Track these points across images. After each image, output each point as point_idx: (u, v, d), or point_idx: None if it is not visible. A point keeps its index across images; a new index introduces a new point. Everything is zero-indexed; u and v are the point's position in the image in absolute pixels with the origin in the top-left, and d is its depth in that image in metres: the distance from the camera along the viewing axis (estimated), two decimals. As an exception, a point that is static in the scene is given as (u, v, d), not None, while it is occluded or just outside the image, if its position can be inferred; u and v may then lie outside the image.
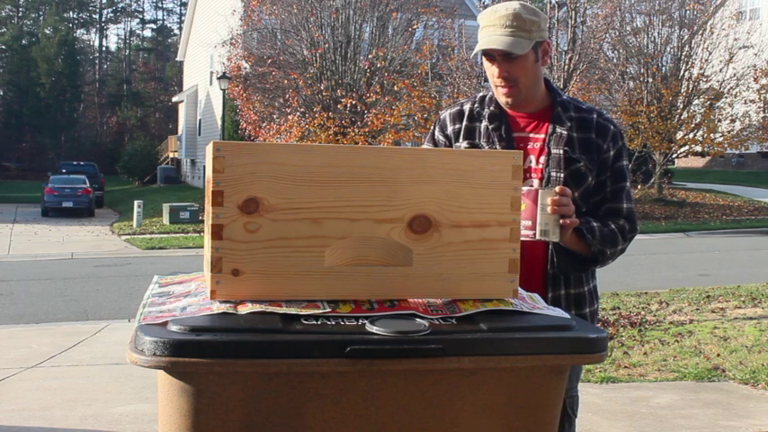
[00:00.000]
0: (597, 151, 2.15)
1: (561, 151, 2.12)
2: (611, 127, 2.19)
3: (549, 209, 1.91)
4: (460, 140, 2.19)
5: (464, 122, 2.21)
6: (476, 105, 2.22)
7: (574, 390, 2.22)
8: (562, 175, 2.10)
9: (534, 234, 1.91)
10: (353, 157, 1.54)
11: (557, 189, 1.93)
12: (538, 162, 2.13)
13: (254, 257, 1.49)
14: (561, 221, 1.93)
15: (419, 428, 1.46)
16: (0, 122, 52.33)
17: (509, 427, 1.49)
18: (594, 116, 2.19)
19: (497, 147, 2.13)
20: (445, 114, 2.27)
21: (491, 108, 2.18)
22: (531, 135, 2.17)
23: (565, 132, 2.13)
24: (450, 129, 2.23)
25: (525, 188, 1.89)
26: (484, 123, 2.18)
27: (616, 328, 6.82)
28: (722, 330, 6.66)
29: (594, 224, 2.09)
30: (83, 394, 4.92)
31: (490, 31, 2.06)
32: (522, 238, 1.83)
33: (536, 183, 2.09)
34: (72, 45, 53.99)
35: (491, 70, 2.12)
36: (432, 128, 2.31)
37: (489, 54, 2.09)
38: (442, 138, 2.24)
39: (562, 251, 2.09)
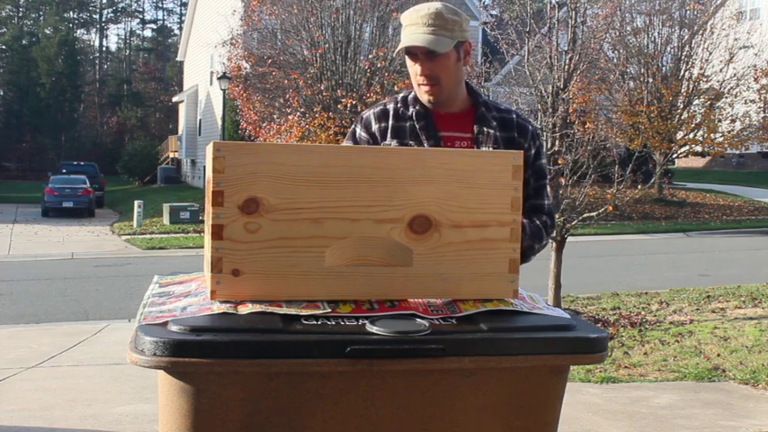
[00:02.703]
0: (519, 149, 2.18)
1: (490, 149, 2.15)
2: (530, 126, 2.26)
3: None
4: (388, 139, 2.20)
5: (390, 121, 2.23)
6: (399, 105, 2.25)
7: None
8: None
9: None
10: (353, 157, 1.54)
11: None
12: None
13: (254, 257, 1.49)
14: None
15: (419, 428, 1.45)
16: (0, 122, 52.32)
17: (509, 427, 1.49)
18: (514, 116, 2.25)
19: (425, 145, 2.16)
20: (369, 113, 2.29)
21: (416, 107, 2.21)
22: (458, 134, 2.20)
23: (492, 131, 2.18)
24: (374, 127, 2.24)
25: None
26: (410, 123, 2.20)
27: (616, 328, 6.82)
28: (722, 330, 6.66)
29: (524, 221, 2.12)
30: (83, 394, 4.92)
31: (412, 29, 2.10)
32: None
33: None
34: (72, 45, 53.96)
35: (413, 69, 2.16)
36: (353, 127, 2.32)
37: (412, 52, 2.13)
38: (365, 135, 2.24)
39: None
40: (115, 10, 66.67)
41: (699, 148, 22.61)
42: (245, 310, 1.47)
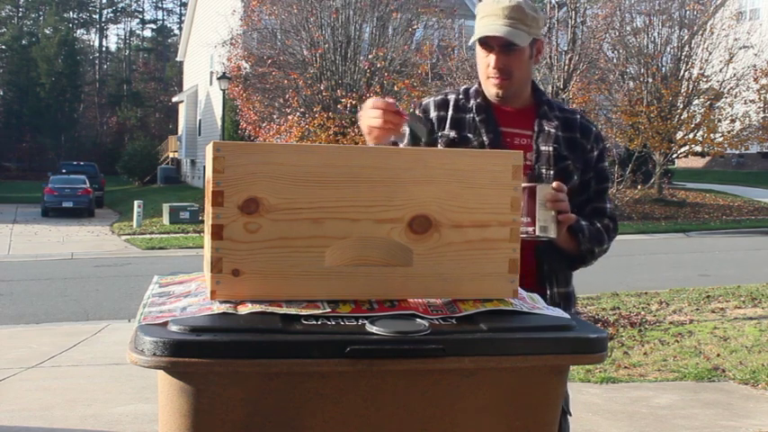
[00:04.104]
0: (582, 151, 2.17)
1: (551, 148, 2.12)
2: (593, 128, 2.22)
3: (547, 204, 1.89)
4: (446, 129, 2.17)
5: (450, 112, 2.19)
6: (461, 97, 2.21)
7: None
8: (552, 173, 2.10)
9: (534, 230, 1.87)
10: (353, 157, 1.53)
11: (554, 185, 1.92)
12: (525, 158, 2.10)
13: (254, 258, 1.49)
14: (560, 217, 1.92)
15: (419, 428, 1.45)
16: (0, 122, 52.33)
17: (509, 427, 1.49)
18: (578, 117, 2.22)
19: (484, 139, 2.12)
20: (428, 100, 2.26)
21: (477, 100, 2.17)
22: (518, 131, 2.16)
23: (553, 130, 2.14)
24: (432, 114, 2.21)
25: (525, 184, 1.86)
26: (470, 115, 2.16)
27: (616, 328, 6.82)
28: (722, 330, 6.66)
29: (583, 223, 2.09)
30: (83, 394, 4.92)
31: (491, 20, 2.05)
32: (522, 236, 1.84)
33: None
34: (72, 45, 53.99)
35: (486, 60, 2.10)
36: (412, 110, 2.27)
37: (487, 43, 2.08)
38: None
39: (551, 249, 2.07)
40: (115, 10, 66.71)
41: (699, 148, 22.64)
42: (244, 310, 1.47)
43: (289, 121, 17.46)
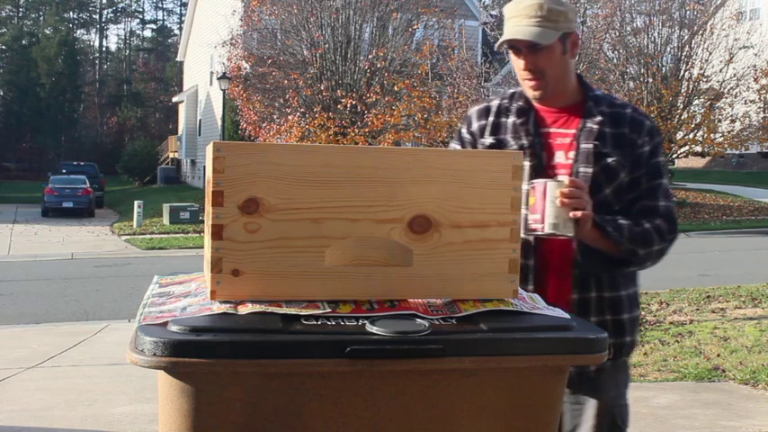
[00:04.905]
0: (631, 146, 2.07)
1: (591, 146, 2.04)
2: (647, 122, 2.12)
3: (557, 201, 1.85)
4: (486, 136, 2.14)
5: (491, 118, 2.16)
6: (504, 101, 2.17)
7: (622, 398, 2.16)
8: (591, 171, 2.03)
9: (543, 228, 1.84)
10: (354, 157, 1.53)
11: (566, 181, 1.88)
12: (567, 157, 2.06)
13: (254, 258, 1.49)
14: (572, 214, 1.85)
15: (419, 429, 1.45)
16: (0, 122, 52.32)
17: (509, 428, 1.49)
18: (629, 111, 2.12)
19: (524, 141, 2.07)
20: (472, 111, 2.23)
21: (519, 103, 2.13)
22: (561, 130, 2.10)
23: (595, 127, 2.06)
24: (475, 125, 2.18)
25: (537, 181, 1.85)
26: (512, 118, 2.12)
27: (616, 328, 6.82)
28: (722, 330, 6.66)
29: (623, 222, 1.99)
30: (83, 394, 4.92)
31: (515, 21, 2.02)
32: (533, 234, 1.86)
33: (566, 179, 1.92)
34: (72, 45, 54.00)
35: (517, 63, 2.07)
36: (459, 126, 2.27)
37: (515, 46, 2.04)
38: (467, 135, 2.19)
39: (588, 250, 2.00)
40: (115, 10, 66.71)
41: (699, 149, 22.60)
42: (244, 310, 1.47)
43: (289, 121, 17.48)
